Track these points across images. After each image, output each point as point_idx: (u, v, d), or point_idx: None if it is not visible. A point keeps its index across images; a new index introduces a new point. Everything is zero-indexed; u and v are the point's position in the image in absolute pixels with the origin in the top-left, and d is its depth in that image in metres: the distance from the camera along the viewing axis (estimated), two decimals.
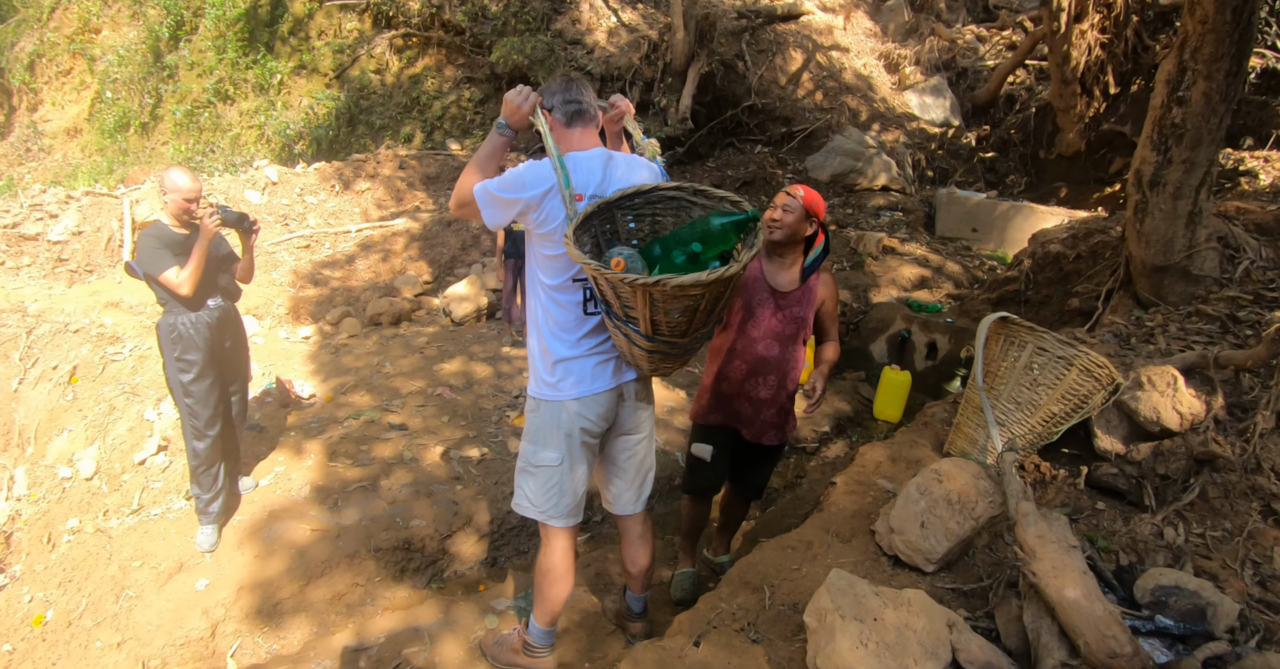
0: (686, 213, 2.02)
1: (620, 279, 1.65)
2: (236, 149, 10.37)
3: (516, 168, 2.03)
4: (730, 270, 1.66)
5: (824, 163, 9.71)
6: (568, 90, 2.12)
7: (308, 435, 4.28)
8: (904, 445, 2.72)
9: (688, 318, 1.76)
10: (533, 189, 1.98)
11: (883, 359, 5.96)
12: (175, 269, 3.07)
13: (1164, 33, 9.99)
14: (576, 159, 2.06)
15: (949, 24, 13.34)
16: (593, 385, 2.09)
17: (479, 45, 9.90)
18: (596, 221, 1.98)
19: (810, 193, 2.60)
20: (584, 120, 2.13)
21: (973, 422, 2.54)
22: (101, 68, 11.52)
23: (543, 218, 2.00)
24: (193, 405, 3.28)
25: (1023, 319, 2.38)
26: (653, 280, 1.62)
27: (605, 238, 2.03)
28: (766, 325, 2.66)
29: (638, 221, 2.07)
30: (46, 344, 5.99)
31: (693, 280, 1.62)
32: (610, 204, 1.97)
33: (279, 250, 7.18)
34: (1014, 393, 2.41)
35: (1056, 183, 10.80)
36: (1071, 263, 5.47)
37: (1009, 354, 2.42)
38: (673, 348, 1.86)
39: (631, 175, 2.12)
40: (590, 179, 2.04)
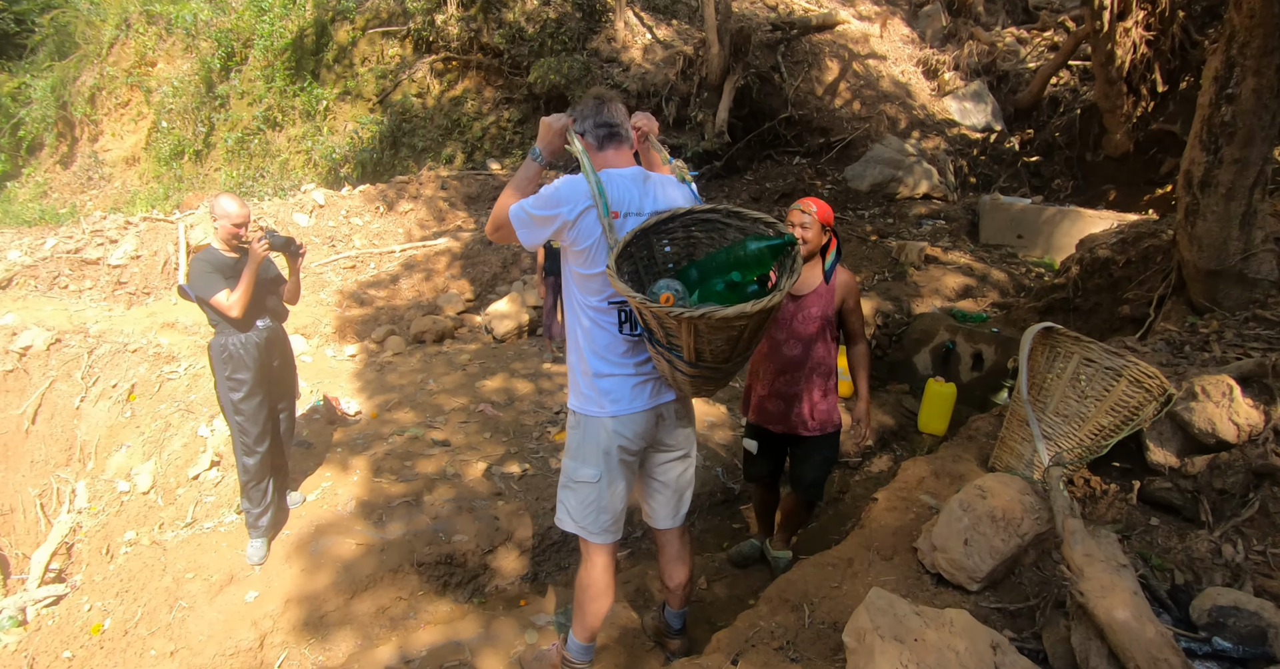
0: (721, 235, 2.02)
1: (667, 313, 1.67)
2: (285, 173, 10.72)
3: (552, 184, 2.03)
4: (774, 300, 1.67)
5: (863, 172, 9.61)
6: (599, 112, 2.13)
7: (353, 451, 4.38)
8: (947, 460, 2.66)
9: (730, 345, 1.77)
10: (569, 205, 1.98)
11: (926, 371, 5.84)
12: (225, 292, 3.19)
13: (1212, 27, 9.67)
14: (612, 177, 2.06)
15: (988, 27, 13.12)
16: (631, 405, 2.09)
17: (517, 66, 10.09)
18: (634, 247, 1.99)
19: (822, 205, 2.76)
20: (617, 142, 2.14)
21: (1018, 435, 2.47)
22: (157, 99, 12.06)
23: (577, 235, 2.01)
24: (242, 423, 3.39)
25: (1068, 329, 2.32)
26: (699, 313, 1.63)
27: (644, 263, 2.04)
28: (789, 328, 2.83)
29: (673, 245, 2.08)
30: (106, 363, 6.25)
31: (737, 312, 1.63)
32: (646, 231, 1.98)
33: (326, 271, 7.38)
34: (1061, 405, 2.34)
35: (1105, 185, 10.49)
36: (1121, 269, 5.30)
37: (1055, 365, 2.36)
38: (715, 372, 1.87)
39: (668, 195, 2.13)
40: (626, 197, 2.05)
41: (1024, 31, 13.18)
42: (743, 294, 1.82)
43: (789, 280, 1.75)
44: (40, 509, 5.92)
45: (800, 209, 2.76)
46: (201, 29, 11.79)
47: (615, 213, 2.01)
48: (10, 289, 7.46)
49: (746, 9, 11.31)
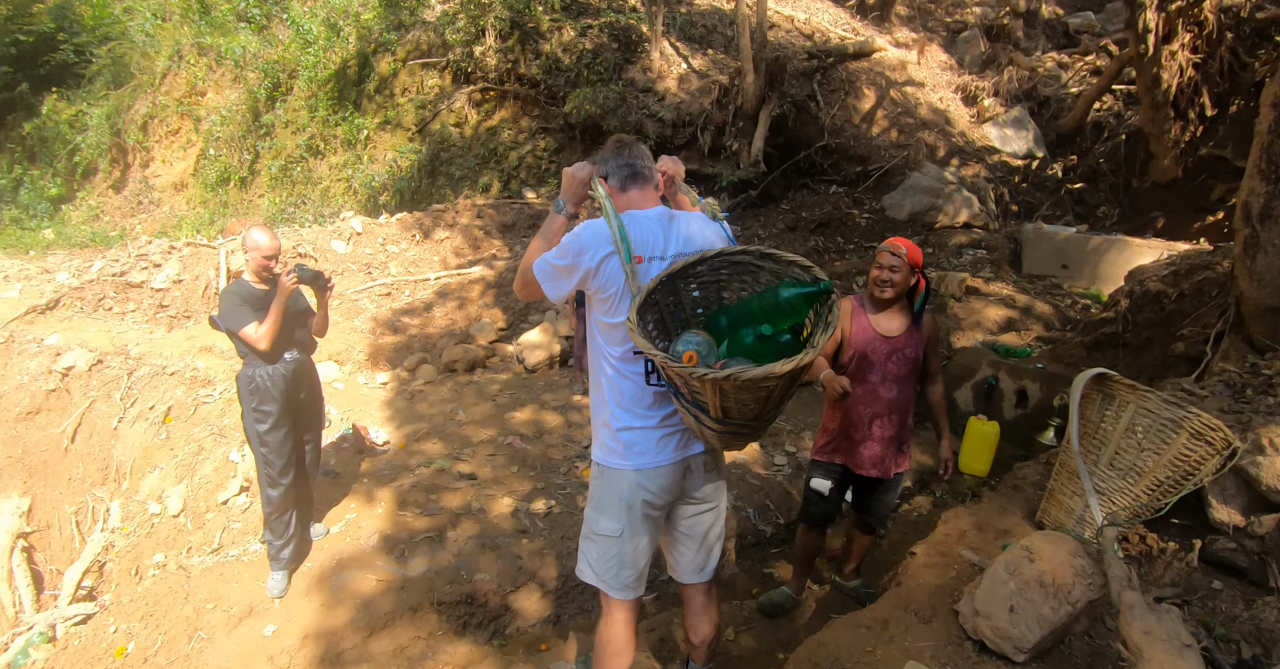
0: (754, 278, 1.94)
1: (690, 374, 1.60)
2: (326, 201, 10.95)
3: (573, 231, 1.98)
4: (805, 360, 1.57)
5: (901, 201, 9.46)
6: (620, 154, 2.09)
7: (379, 483, 4.35)
8: (991, 512, 2.51)
9: (760, 404, 1.68)
10: (591, 252, 1.92)
11: (968, 408, 5.64)
12: (254, 325, 3.20)
13: (1262, 49, 9.39)
14: (635, 218, 1.99)
15: (1027, 52, 12.94)
16: (656, 458, 1.99)
17: (553, 97, 10.21)
18: (660, 294, 1.91)
19: (911, 246, 2.75)
20: (640, 181, 2.07)
21: (1069, 488, 2.32)
22: (206, 127, 12.48)
23: (602, 283, 1.94)
24: (268, 454, 3.38)
25: (1122, 375, 2.17)
26: (724, 375, 1.56)
27: (669, 310, 1.96)
28: (884, 370, 2.84)
29: (702, 289, 1.99)
30: (145, 385, 6.36)
31: (765, 374, 1.54)
32: (673, 276, 1.90)
33: (361, 298, 7.46)
34: (1115, 458, 2.19)
35: (1152, 213, 10.17)
36: (1174, 302, 5.08)
37: (1108, 414, 2.21)
38: (744, 428, 1.77)
39: (694, 235, 2.04)
40: (650, 239, 1.97)
41: (1065, 56, 12.96)
42: (775, 346, 1.72)
43: (824, 336, 1.64)
44: (76, 526, 6.03)
45: (890, 251, 2.75)
46: (249, 60, 12.19)
47: (639, 257, 1.93)
48: (57, 310, 7.67)
49: (782, 38, 11.32)
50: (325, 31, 11.68)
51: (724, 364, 1.69)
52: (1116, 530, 2.02)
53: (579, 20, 10.67)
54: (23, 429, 6.64)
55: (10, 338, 7.29)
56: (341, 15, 11.77)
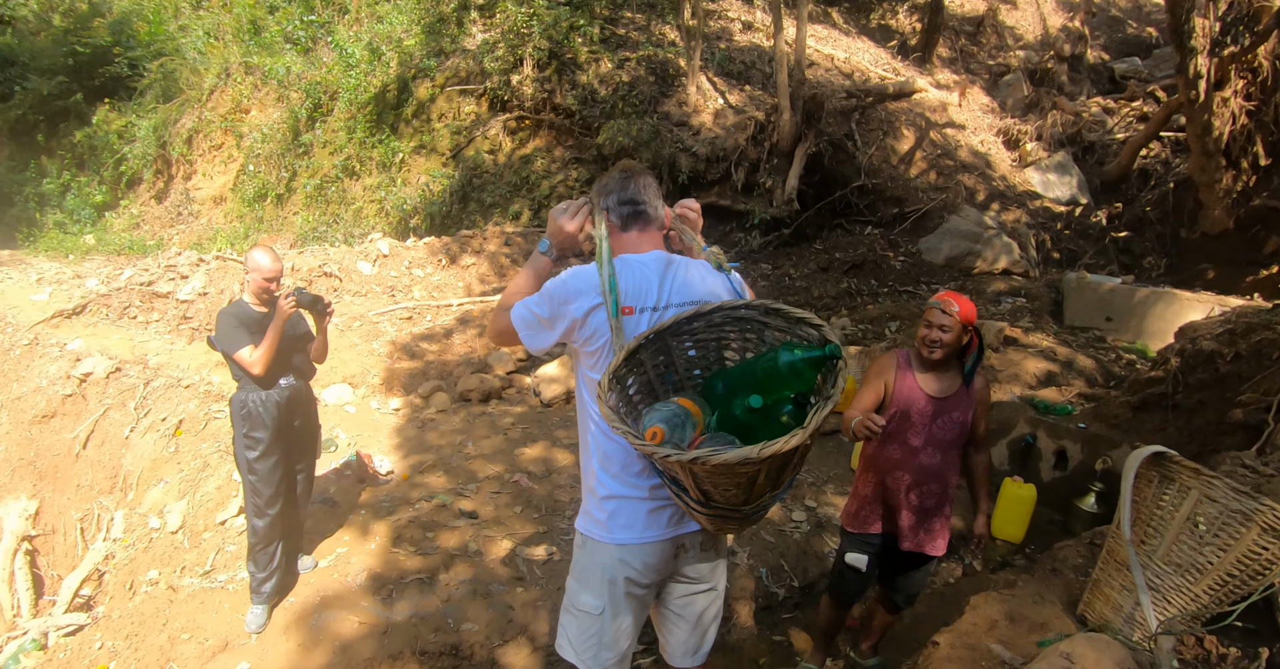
0: (759, 336, 1.71)
1: (650, 455, 1.38)
2: (358, 221, 11.02)
3: (559, 277, 1.78)
4: (790, 443, 1.31)
5: (939, 245, 9.21)
6: (624, 189, 1.86)
7: (377, 515, 4.18)
8: (1026, 599, 2.25)
9: (744, 490, 1.43)
10: (578, 302, 1.72)
11: (1002, 466, 5.32)
12: (249, 348, 3.08)
13: None
14: (628, 264, 1.78)
15: (1072, 97, 12.70)
16: (644, 533, 1.76)
17: (587, 127, 10.21)
18: (647, 353, 1.68)
19: (964, 303, 2.53)
20: (642, 222, 1.86)
21: (1117, 581, 2.06)
22: (247, 144, 12.72)
23: (588, 335, 1.74)
24: (255, 483, 3.24)
25: (1185, 458, 1.92)
26: (689, 458, 1.33)
27: (658, 372, 1.73)
28: (928, 434, 2.62)
29: (699, 348, 1.75)
30: (160, 396, 6.34)
31: (739, 458, 1.30)
32: (663, 332, 1.67)
33: (383, 321, 7.39)
34: (1172, 551, 1.93)
35: (1202, 265, 9.79)
36: (1229, 363, 4.75)
37: (1166, 500, 1.96)
38: (734, 513, 1.53)
39: (694, 284, 1.81)
40: (643, 288, 1.75)
41: (1111, 101, 12.72)
42: (772, 420, 1.49)
43: (818, 414, 1.36)
44: (80, 533, 6.02)
45: (941, 309, 2.52)
46: (293, 81, 12.43)
47: (628, 308, 1.72)
48: (83, 315, 7.73)
49: (821, 76, 11.23)
50: (367, 55, 11.88)
51: (703, 441, 1.46)
52: (1173, 641, 1.76)
53: (617, 52, 10.71)
54: (37, 432, 6.66)
55: (35, 340, 7.36)
56: (385, 40, 11.98)
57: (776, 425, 1.48)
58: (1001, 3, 14.93)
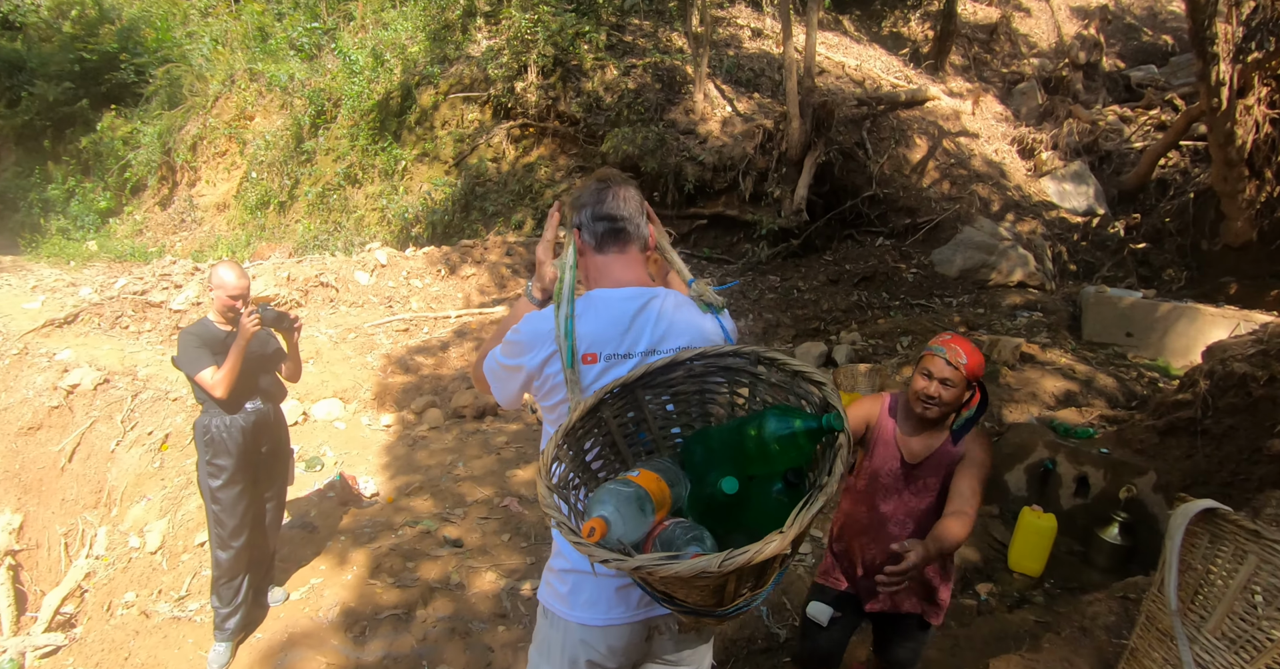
0: (751, 390, 1.44)
1: (590, 557, 1.08)
2: (359, 230, 10.87)
3: (515, 326, 1.55)
4: (763, 553, 1.02)
5: (952, 257, 8.94)
6: (600, 201, 1.58)
7: (357, 542, 3.97)
8: (1054, 666, 2.00)
9: (712, 596, 1.15)
10: (532, 353, 1.48)
11: (1019, 492, 5.05)
12: (211, 369, 2.88)
13: None
14: (593, 302, 1.51)
15: (1087, 105, 12.42)
16: (609, 613, 1.50)
17: (592, 135, 10.03)
18: (610, 410, 1.39)
19: (972, 354, 2.10)
20: (620, 242, 1.58)
21: (1158, 654, 1.81)
22: (250, 151, 12.62)
23: (547, 390, 1.50)
24: (219, 513, 3.03)
25: (1244, 516, 1.67)
26: (630, 567, 1.05)
27: (626, 433, 1.45)
28: (899, 502, 2.24)
29: (679, 402, 1.46)
30: (147, 409, 6.20)
31: (693, 571, 1.02)
32: (631, 385, 1.39)
33: (378, 333, 7.20)
34: (1226, 623, 1.68)
35: (1224, 278, 9.50)
36: (1263, 387, 4.48)
37: (1218, 564, 1.71)
38: (707, 614, 1.23)
39: (679, 327, 1.53)
40: (610, 331, 1.47)
41: (1127, 110, 12.43)
42: (760, 496, 1.22)
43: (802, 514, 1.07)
44: (64, 549, 5.86)
45: (945, 358, 2.07)
46: (296, 88, 12.33)
47: (590, 356, 1.45)
48: (75, 325, 7.58)
49: (832, 84, 11.02)
50: (371, 62, 11.77)
51: (666, 528, 1.18)
52: None
53: (623, 60, 10.54)
54: (22, 444, 6.51)
55: (24, 350, 7.20)
56: (389, 47, 11.86)
57: (764, 505, 1.21)
58: (1015, 10, 14.69)
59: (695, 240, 9.73)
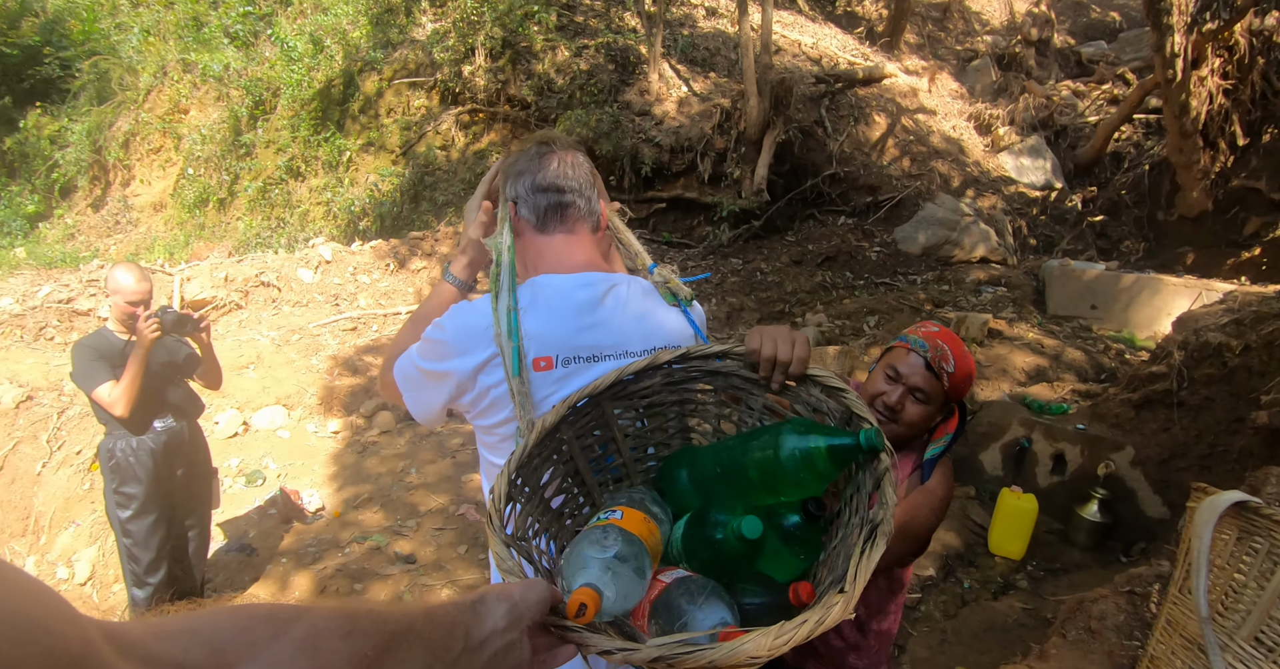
0: (744, 403, 1.14)
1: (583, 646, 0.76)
2: (304, 225, 10.38)
3: (438, 320, 1.22)
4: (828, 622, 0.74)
5: (914, 234, 8.83)
6: (542, 168, 1.27)
7: (300, 563, 3.66)
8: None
9: None
10: (461, 357, 1.16)
11: (995, 472, 4.93)
12: (110, 384, 2.53)
13: None
14: (543, 291, 1.20)
15: (1040, 81, 12.44)
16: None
17: (544, 119, 9.67)
18: (570, 429, 1.08)
19: (961, 359, 1.52)
20: (566, 219, 1.28)
21: (1183, 661, 1.62)
22: (186, 146, 11.98)
23: (484, 405, 1.18)
24: (131, 547, 2.70)
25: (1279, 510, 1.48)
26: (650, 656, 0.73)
27: (591, 457, 1.12)
28: None
29: (655, 417, 1.17)
30: (74, 427, 5.79)
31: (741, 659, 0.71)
32: (597, 397, 1.09)
33: (324, 333, 6.82)
34: (1261, 628, 1.49)
35: (1181, 248, 9.59)
36: (1238, 357, 4.39)
37: (1250, 563, 1.52)
38: None
39: (648, 321, 1.25)
40: (566, 329, 1.17)
41: (1080, 85, 12.50)
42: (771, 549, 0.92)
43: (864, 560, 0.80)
44: None
45: (925, 358, 1.51)
46: (232, 78, 11.72)
47: (544, 359, 1.15)
48: None
49: (789, 62, 10.80)
50: (311, 49, 11.21)
51: (662, 588, 0.87)
52: None
53: (575, 40, 10.18)
54: None
55: None
56: (329, 32, 11.31)
57: (775, 552, 0.93)
58: None
59: (654, 224, 9.47)
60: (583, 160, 1.33)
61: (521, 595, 0.74)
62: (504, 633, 0.70)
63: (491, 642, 0.69)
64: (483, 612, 0.70)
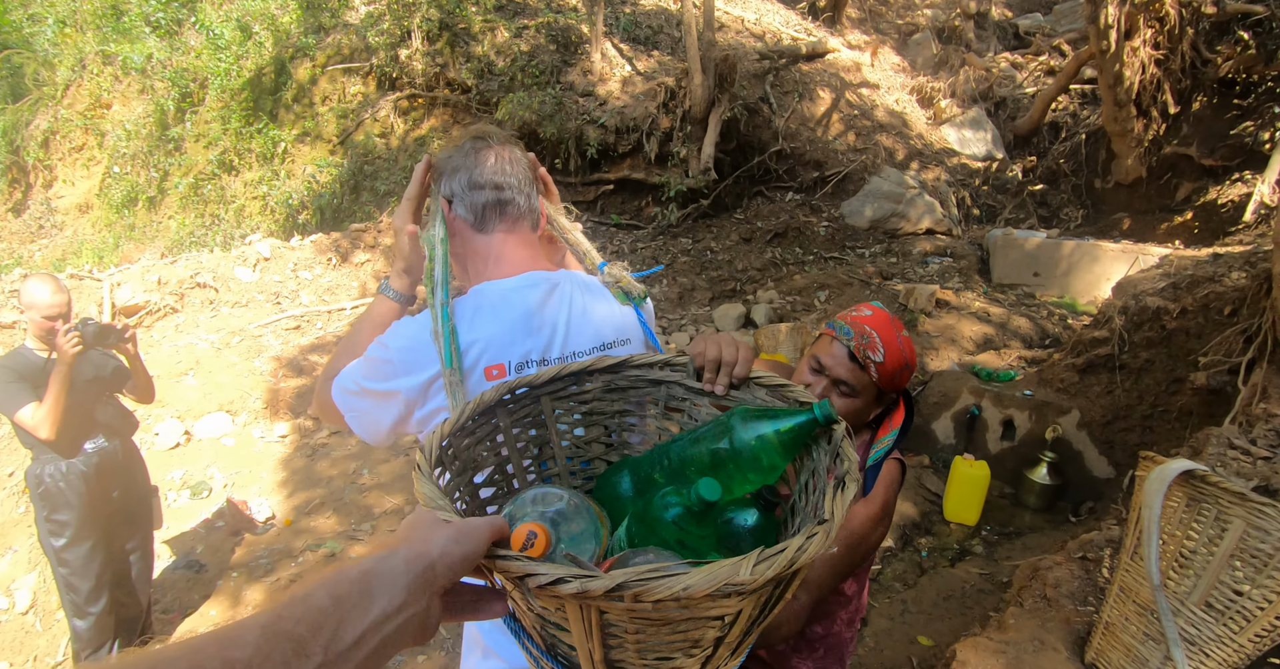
0: (687, 413, 1.11)
1: (522, 578, 0.65)
2: (240, 221, 9.99)
3: (380, 338, 1.18)
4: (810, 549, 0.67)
5: (861, 208, 8.91)
6: (479, 164, 1.22)
7: (252, 576, 3.53)
8: (1025, 648, 1.83)
9: (700, 660, 0.76)
10: (410, 375, 1.12)
11: (948, 440, 5.03)
12: (33, 406, 2.38)
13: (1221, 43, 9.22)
14: (488, 297, 1.18)
15: (979, 54, 12.63)
16: None
17: (486, 103, 9.44)
18: (505, 417, 1.03)
19: (893, 349, 1.40)
20: (508, 218, 1.24)
21: (1137, 626, 1.65)
22: (111, 143, 11.40)
23: (435, 422, 1.08)
24: (69, 577, 2.55)
25: (1225, 477, 1.50)
26: (606, 587, 0.62)
27: (526, 458, 1.08)
28: None
29: (593, 426, 1.12)
30: (4, 448, 5.48)
31: (714, 584, 0.63)
32: (537, 388, 1.05)
33: (266, 334, 6.58)
34: (1211, 593, 1.52)
35: (1117, 214, 9.89)
36: (1176, 319, 4.54)
37: (1199, 530, 1.54)
38: None
39: (597, 323, 1.23)
40: (515, 334, 1.15)
41: (1018, 56, 12.73)
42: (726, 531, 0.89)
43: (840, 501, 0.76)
44: None
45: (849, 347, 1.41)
46: (156, 69, 11.15)
47: (495, 368, 1.13)
48: None
49: (732, 39, 10.74)
50: (238, 36, 10.72)
51: (616, 562, 0.81)
52: None
53: (514, 20, 9.93)
54: None
55: None
56: (257, 18, 10.82)
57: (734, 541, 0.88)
58: None
59: (602, 207, 9.36)
60: (520, 156, 1.29)
61: (443, 552, 0.62)
62: (401, 610, 0.57)
63: (376, 631, 0.55)
64: (376, 587, 0.57)
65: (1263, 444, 2.53)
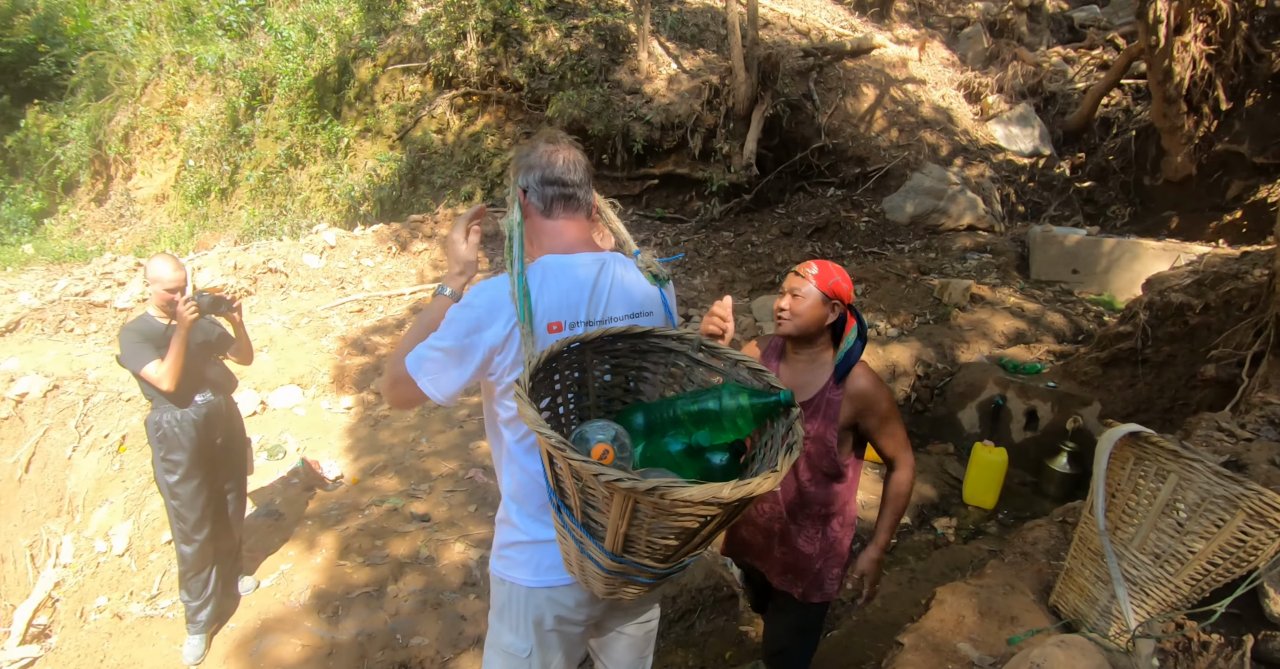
0: (686, 375, 1.50)
1: (597, 475, 1.07)
2: (305, 212, 10.59)
3: (463, 300, 1.49)
4: (760, 487, 1.09)
5: (902, 204, 9.04)
6: (551, 165, 1.55)
7: (325, 525, 3.97)
8: (996, 591, 2.09)
9: (681, 541, 1.19)
10: (493, 326, 1.42)
11: (973, 429, 5.21)
12: (156, 363, 2.82)
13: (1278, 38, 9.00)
14: (551, 267, 1.49)
15: (1032, 48, 12.50)
16: (565, 575, 1.50)
17: (537, 101, 9.83)
18: (561, 365, 1.40)
19: (825, 269, 2.05)
20: (570, 208, 1.57)
21: (1090, 571, 1.90)
22: (186, 138, 12.15)
23: (508, 364, 1.44)
24: (179, 508, 3.00)
25: (1165, 437, 1.75)
26: (647, 487, 1.05)
27: (569, 396, 1.46)
28: None
29: (616, 373, 1.50)
30: (101, 412, 6.06)
31: (708, 496, 1.06)
32: (586, 344, 1.41)
33: (332, 315, 7.08)
34: (1151, 540, 1.77)
35: (1166, 212, 9.75)
36: (1199, 315, 4.65)
37: (1143, 484, 1.79)
38: (643, 571, 1.25)
39: (633, 295, 1.57)
40: (572, 298, 1.48)
41: (1071, 51, 12.54)
42: (706, 465, 1.29)
43: (787, 460, 1.16)
44: (30, 561, 5.77)
45: (796, 272, 2.08)
46: (228, 69, 11.85)
47: (556, 324, 1.45)
48: (17, 332, 7.33)
49: (778, 36, 10.91)
50: (304, 37, 11.33)
51: (642, 474, 1.23)
52: (1153, 644, 1.61)
53: (564, 21, 10.30)
54: None
55: None
56: (321, 20, 11.42)
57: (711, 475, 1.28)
58: None
59: (647, 201, 9.67)
60: (581, 158, 1.63)
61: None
62: None
63: None
64: None
65: (1250, 428, 2.73)
